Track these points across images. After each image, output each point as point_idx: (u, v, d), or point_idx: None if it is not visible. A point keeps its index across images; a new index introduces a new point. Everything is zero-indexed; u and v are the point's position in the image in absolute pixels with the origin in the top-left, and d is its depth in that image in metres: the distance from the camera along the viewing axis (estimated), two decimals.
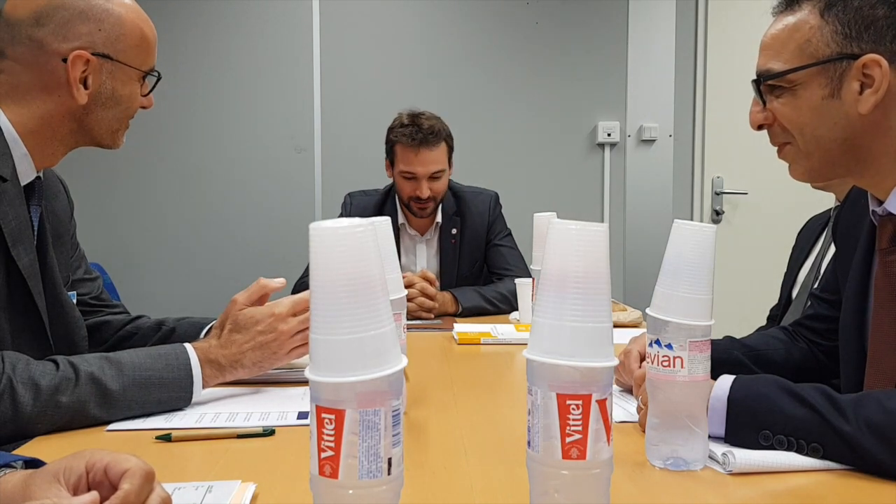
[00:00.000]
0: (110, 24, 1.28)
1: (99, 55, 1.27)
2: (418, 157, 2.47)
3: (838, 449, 0.94)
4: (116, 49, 1.29)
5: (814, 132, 1.12)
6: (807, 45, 1.09)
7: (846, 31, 1.07)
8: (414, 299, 2.24)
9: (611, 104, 3.77)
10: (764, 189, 3.75)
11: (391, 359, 0.65)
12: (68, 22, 1.25)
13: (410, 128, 2.47)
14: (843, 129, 1.10)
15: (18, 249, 1.22)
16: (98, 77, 1.28)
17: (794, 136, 1.14)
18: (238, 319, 1.29)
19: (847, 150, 1.12)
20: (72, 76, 1.25)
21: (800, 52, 1.10)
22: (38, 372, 1.10)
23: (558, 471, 0.69)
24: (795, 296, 2.08)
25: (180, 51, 3.57)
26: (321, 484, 0.64)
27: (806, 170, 1.17)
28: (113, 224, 3.66)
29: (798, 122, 1.13)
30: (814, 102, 1.10)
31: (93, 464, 0.71)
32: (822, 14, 1.09)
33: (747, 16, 3.55)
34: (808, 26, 1.09)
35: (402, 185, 2.55)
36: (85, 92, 1.27)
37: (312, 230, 0.63)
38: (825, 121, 1.11)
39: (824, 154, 1.13)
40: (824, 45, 1.08)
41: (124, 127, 1.37)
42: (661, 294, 0.95)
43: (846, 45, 1.07)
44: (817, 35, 1.09)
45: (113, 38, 1.29)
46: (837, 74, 1.08)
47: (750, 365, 1.38)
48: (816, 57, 1.09)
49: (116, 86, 1.31)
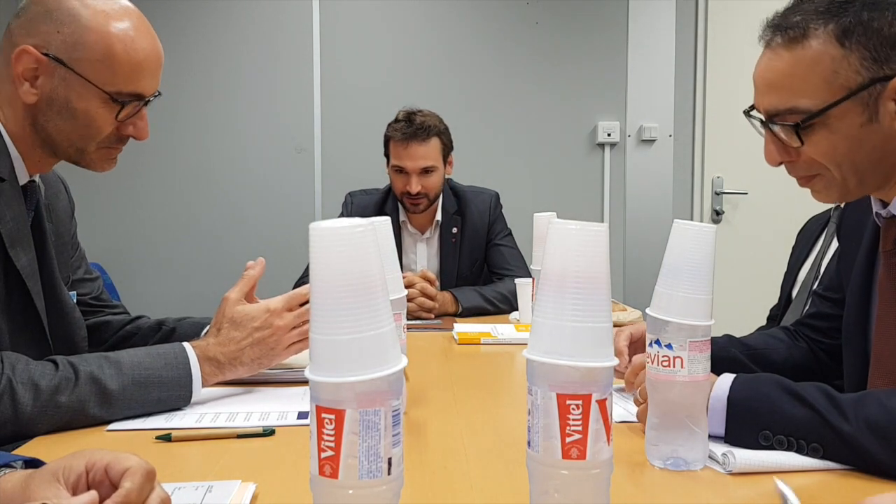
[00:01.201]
0: (71, 29, 1.22)
1: (50, 57, 1.22)
2: (407, 151, 2.49)
3: (838, 449, 0.94)
4: (72, 57, 1.22)
5: (852, 160, 1.07)
6: (834, 77, 1.03)
7: (874, 55, 1.01)
8: (414, 299, 2.24)
9: (611, 104, 3.77)
10: (764, 189, 3.75)
11: (391, 359, 0.65)
12: (35, 18, 1.23)
13: (402, 123, 2.51)
14: (881, 151, 1.06)
15: (16, 250, 1.22)
16: (49, 80, 1.23)
17: (829, 167, 1.09)
18: (234, 317, 1.29)
19: (880, 167, 1.08)
20: (15, 69, 1.22)
21: (827, 85, 1.03)
22: (37, 372, 1.10)
23: (558, 471, 0.69)
24: (795, 295, 2.08)
25: (179, 51, 3.57)
26: (321, 484, 0.64)
27: (840, 195, 1.13)
28: (113, 224, 3.66)
29: (836, 154, 1.07)
30: (852, 132, 1.05)
31: (93, 463, 0.71)
32: (842, 43, 1.02)
33: (747, 16, 3.53)
34: (830, 57, 1.03)
35: (394, 180, 2.57)
36: (32, 91, 1.23)
37: (312, 230, 0.63)
38: (864, 146, 1.05)
39: (860, 178, 1.09)
40: (854, 73, 1.02)
41: (98, 147, 1.29)
42: (661, 294, 0.95)
43: (877, 70, 1.02)
44: (844, 65, 1.02)
45: (70, 45, 1.22)
46: (873, 99, 1.03)
47: (748, 363, 1.38)
48: (849, 87, 1.02)
49: (71, 96, 1.23)
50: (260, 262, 1.37)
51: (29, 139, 1.27)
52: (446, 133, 2.57)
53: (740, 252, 3.70)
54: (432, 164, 2.51)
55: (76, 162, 1.31)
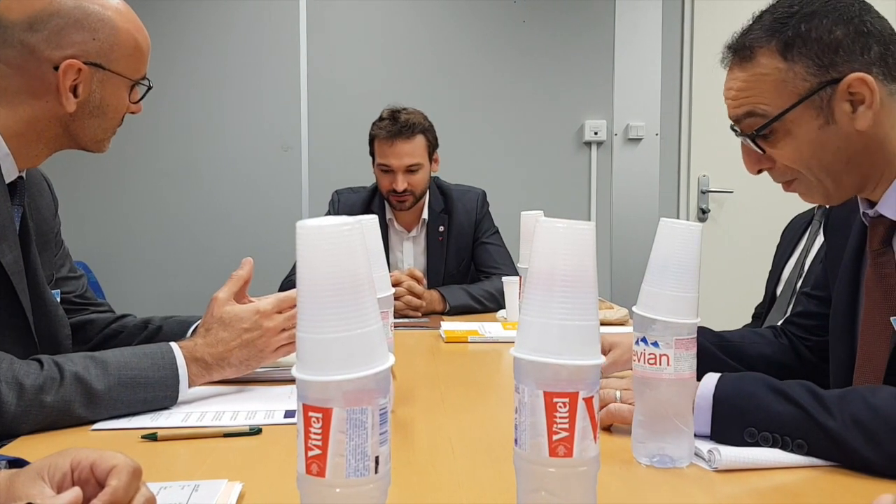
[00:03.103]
0: (105, 33, 1.27)
1: (91, 64, 1.26)
2: (392, 149, 2.49)
3: (823, 445, 0.94)
4: (109, 59, 1.28)
5: (820, 162, 1.12)
6: (783, 86, 1.09)
7: (818, 61, 1.07)
8: (401, 298, 2.24)
9: (598, 103, 3.78)
10: (749, 188, 3.76)
11: (378, 357, 0.65)
12: (63, 29, 1.24)
13: (387, 121, 2.51)
14: (845, 151, 1.11)
15: (2, 247, 1.21)
16: (88, 86, 1.27)
17: (801, 171, 1.14)
18: (223, 317, 1.29)
19: (853, 168, 1.12)
20: (62, 85, 1.24)
21: (779, 94, 1.10)
22: (22, 371, 1.09)
23: (545, 468, 0.70)
24: (780, 293, 2.10)
25: (165, 49, 3.55)
26: (308, 483, 0.64)
27: (823, 197, 1.17)
28: (98, 222, 3.64)
29: (802, 158, 1.12)
30: (811, 135, 1.10)
31: (78, 461, 0.70)
32: (784, 56, 1.09)
33: (733, 15, 3.54)
34: (777, 70, 1.10)
35: (380, 179, 2.57)
36: (74, 100, 1.26)
37: (299, 228, 0.63)
38: (828, 148, 1.10)
39: (835, 178, 1.13)
40: (801, 81, 1.08)
41: (111, 134, 1.36)
42: (647, 292, 0.96)
43: (824, 74, 1.08)
44: (790, 75, 1.09)
45: (107, 48, 1.27)
46: (826, 102, 1.08)
47: (718, 353, 1.36)
48: (798, 94, 1.09)
49: (106, 95, 1.30)
50: (248, 262, 1.37)
51: (29, 137, 1.27)
52: (431, 130, 2.57)
53: (726, 250, 3.73)
54: (418, 162, 2.51)
55: (87, 149, 1.36)
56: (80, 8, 1.25)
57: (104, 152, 1.38)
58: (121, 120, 1.36)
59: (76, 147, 1.35)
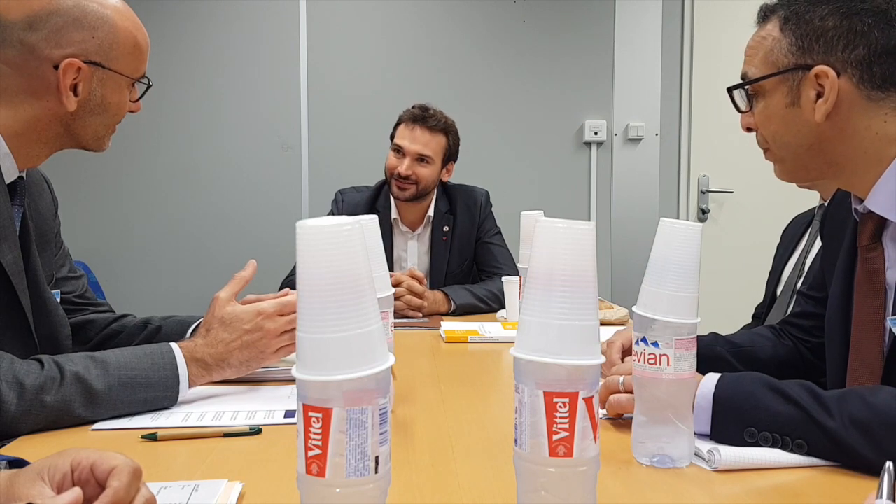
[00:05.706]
0: (104, 32, 1.27)
1: (91, 63, 1.26)
2: (412, 132, 2.52)
3: (822, 445, 0.95)
4: (109, 57, 1.28)
5: (782, 139, 1.17)
6: (770, 54, 1.15)
7: (800, 42, 1.12)
8: (401, 297, 2.24)
9: (598, 103, 3.78)
10: (749, 188, 3.77)
11: (378, 357, 0.65)
12: (62, 28, 1.24)
13: (417, 108, 2.55)
14: (806, 137, 1.14)
15: (2, 247, 1.21)
16: (88, 84, 1.27)
17: (767, 140, 1.19)
18: (224, 318, 1.29)
19: (815, 155, 1.16)
20: (62, 84, 1.24)
21: (765, 60, 1.15)
22: (22, 371, 1.09)
23: (545, 468, 0.70)
24: (780, 294, 2.09)
25: (166, 49, 3.55)
26: (308, 482, 0.64)
27: (783, 172, 1.22)
28: (98, 222, 3.64)
29: (769, 128, 1.18)
30: (779, 110, 1.15)
31: (78, 462, 0.70)
32: (781, 28, 1.14)
33: (733, 15, 3.56)
34: (772, 38, 1.15)
35: (389, 159, 2.58)
36: (74, 99, 1.26)
37: (299, 228, 0.63)
38: (790, 128, 1.15)
39: (795, 159, 1.18)
40: (783, 55, 1.13)
41: (111, 132, 1.37)
42: (647, 292, 0.96)
43: (800, 57, 1.12)
44: (778, 46, 1.14)
45: (106, 47, 1.28)
46: (796, 84, 1.13)
47: (733, 361, 1.38)
48: (777, 67, 1.14)
49: (106, 93, 1.30)
50: (252, 265, 1.37)
51: (30, 136, 1.27)
52: (456, 138, 2.60)
53: (726, 250, 3.73)
54: (430, 155, 2.52)
55: (87, 148, 1.36)
56: (79, 7, 1.25)
57: (104, 150, 1.38)
58: (121, 118, 1.36)
59: (77, 146, 1.35)
